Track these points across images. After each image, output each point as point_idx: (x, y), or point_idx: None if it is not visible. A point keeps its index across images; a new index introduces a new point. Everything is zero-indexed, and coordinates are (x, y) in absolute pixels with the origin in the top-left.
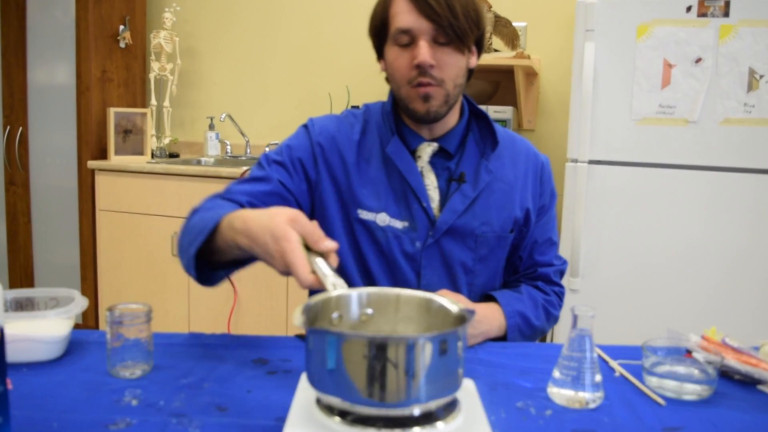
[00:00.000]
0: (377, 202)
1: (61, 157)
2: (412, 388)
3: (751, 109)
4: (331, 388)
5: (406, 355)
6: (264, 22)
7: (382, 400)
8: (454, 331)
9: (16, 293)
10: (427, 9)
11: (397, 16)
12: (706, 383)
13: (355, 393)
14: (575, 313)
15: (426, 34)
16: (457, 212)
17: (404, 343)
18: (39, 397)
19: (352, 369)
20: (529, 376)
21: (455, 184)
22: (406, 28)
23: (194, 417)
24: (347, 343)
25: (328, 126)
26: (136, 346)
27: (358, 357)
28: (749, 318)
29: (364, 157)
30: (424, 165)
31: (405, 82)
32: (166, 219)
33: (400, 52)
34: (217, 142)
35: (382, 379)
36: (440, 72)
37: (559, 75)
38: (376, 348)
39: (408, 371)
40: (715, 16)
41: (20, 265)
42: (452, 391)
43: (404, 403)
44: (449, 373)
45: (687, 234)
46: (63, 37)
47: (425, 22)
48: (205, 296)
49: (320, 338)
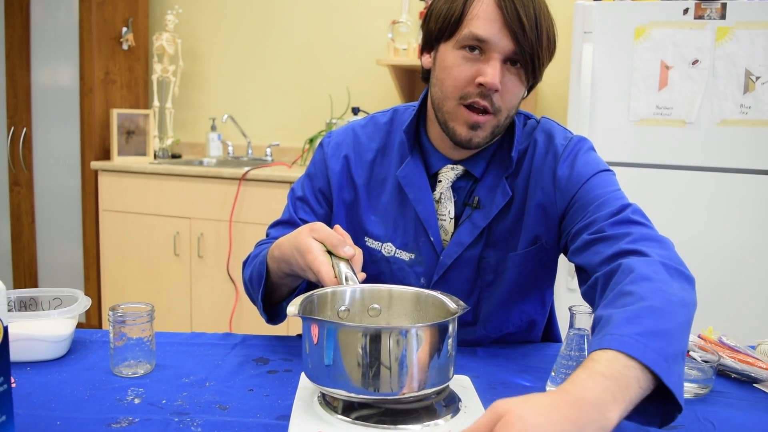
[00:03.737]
0: (384, 231)
1: (65, 157)
2: (405, 376)
3: (747, 110)
4: (324, 376)
5: (399, 344)
6: (265, 23)
7: (376, 389)
8: (445, 323)
9: (20, 293)
10: (516, 25)
11: (477, 19)
12: (703, 382)
13: (349, 381)
14: (573, 313)
15: (501, 53)
16: (463, 245)
17: (396, 332)
18: (42, 396)
19: (346, 358)
20: (527, 375)
21: (468, 210)
22: (484, 38)
23: (196, 415)
24: (341, 332)
25: (341, 143)
26: (139, 345)
27: (352, 346)
28: (746, 317)
29: (379, 178)
30: (444, 191)
31: (457, 95)
32: (168, 219)
33: (465, 60)
34: (219, 143)
35: (375, 368)
36: (501, 100)
37: (557, 76)
38: (369, 337)
39: (400, 361)
40: (711, 18)
41: (24, 264)
42: (445, 381)
43: (397, 392)
44: (442, 362)
45: (684, 234)
46: (66, 39)
47: (507, 39)
48: (207, 296)
49: (315, 328)
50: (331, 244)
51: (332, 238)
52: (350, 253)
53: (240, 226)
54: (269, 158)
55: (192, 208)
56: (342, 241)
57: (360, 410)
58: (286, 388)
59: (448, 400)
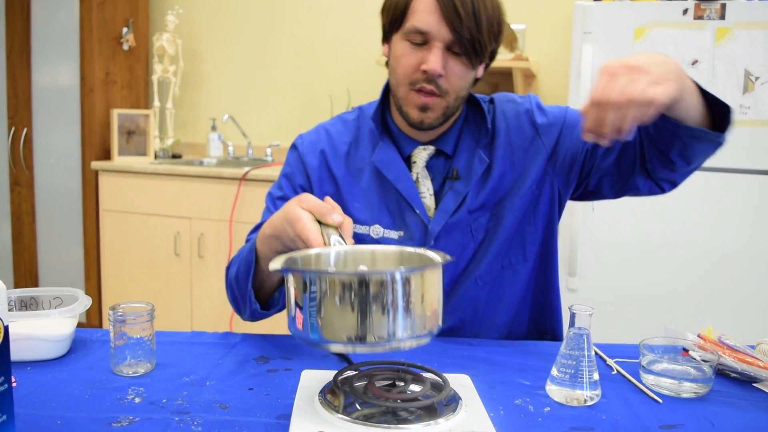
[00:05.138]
0: (370, 215)
1: (65, 157)
2: (389, 323)
3: (746, 110)
4: (312, 331)
5: (387, 289)
6: (266, 24)
7: (362, 339)
8: (432, 266)
9: (20, 292)
10: (452, 15)
11: (417, 12)
12: (703, 381)
13: (337, 332)
14: (573, 312)
15: (442, 41)
16: (448, 212)
17: (384, 276)
18: (43, 395)
19: (334, 308)
20: (527, 374)
21: (449, 183)
22: (424, 30)
23: (196, 415)
24: (328, 280)
25: (315, 141)
26: (139, 344)
27: (340, 295)
28: (746, 317)
29: (355, 168)
30: (420, 170)
31: (406, 81)
32: (168, 219)
33: (410, 49)
34: (220, 143)
35: (364, 316)
36: (447, 83)
37: (557, 77)
38: (357, 283)
39: (389, 306)
40: (711, 18)
41: (25, 264)
42: (435, 328)
43: (384, 342)
44: (430, 308)
45: (684, 234)
46: (67, 39)
47: (446, 29)
48: (207, 296)
49: (300, 280)
50: (319, 212)
51: (320, 207)
52: (339, 220)
53: (240, 226)
54: (269, 158)
55: (192, 208)
56: (330, 209)
57: (361, 410)
58: (286, 388)
59: (449, 400)
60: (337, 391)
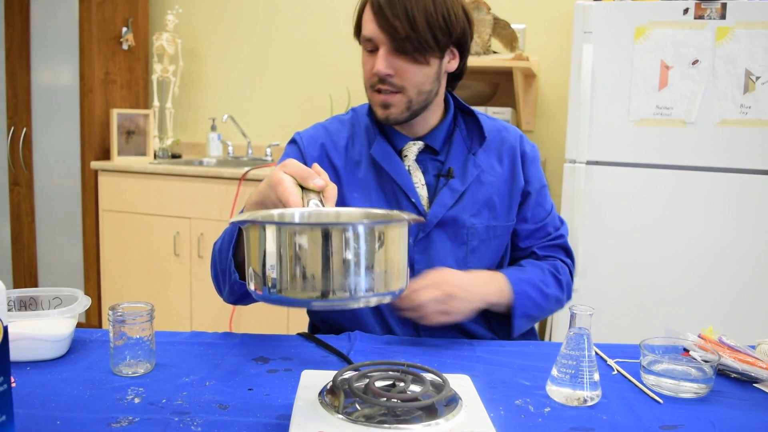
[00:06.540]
0: (368, 204)
1: (65, 157)
2: (351, 276)
3: (747, 110)
4: (266, 284)
5: (344, 242)
6: (265, 23)
7: (321, 295)
8: (388, 222)
9: (20, 292)
10: (383, 22)
11: (364, 23)
12: (703, 381)
13: (290, 286)
14: (573, 312)
15: (385, 45)
16: (446, 206)
17: (339, 230)
18: (42, 396)
19: (286, 261)
20: (527, 374)
21: (444, 180)
22: (369, 37)
23: (196, 415)
24: (282, 232)
25: (315, 136)
26: (139, 344)
27: (293, 248)
28: (746, 317)
29: (353, 160)
30: (411, 163)
31: (368, 85)
32: (168, 219)
33: (367, 56)
34: (219, 143)
35: (318, 270)
36: (400, 80)
37: (557, 76)
38: (312, 236)
39: (346, 259)
40: (711, 18)
41: (24, 264)
42: (394, 291)
43: (346, 299)
44: (388, 266)
45: (684, 234)
46: (66, 39)
47: (384, 35)
48: (207, 296)
49: (254, 232)
50: (300, 176)
51: (302, 171)
52: (320, 184)
53: None
54: (269, 158)
55: (192, 208)
56: (312, 174)
57: (361, 410)
58: (286, 388)
59: (449, 400)
60: (337, 391)
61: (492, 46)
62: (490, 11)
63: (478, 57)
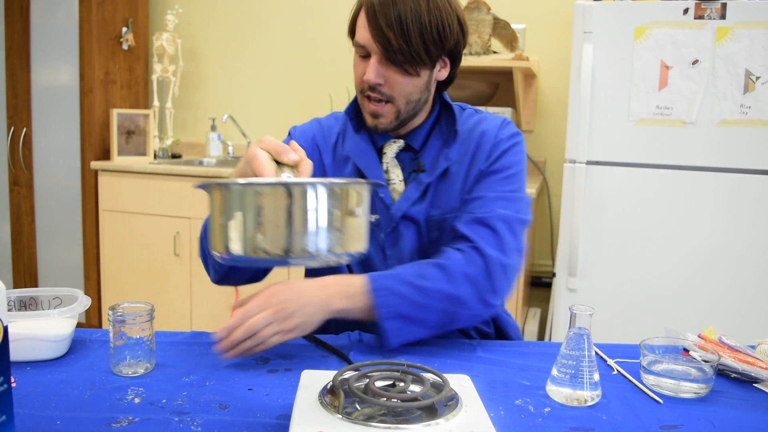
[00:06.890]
0: None
1: (65, 157)
2: (310, 234)
3: (747, 110)
4: (231, 242)
5: (304, 201)
6: (265, 23)
7: (287, 253)
8: (348, 182)
9: (20, 292)
10: (377, 31)
11: (358, 28)
12: (703, 381)
13: (256, 242)
14: (573, 312)
15: (377, 54)
16: (411, 200)
17: (301, 189)
18: (42, 396)
19: (246, 220)
20: (527, 374)
21: (414, 175)
22: (362, 44)
23: (196, 415)
24: (248, 192)
25: (308, 130)
26: (139, 344)
27: (252, 206)
28: (746, 317)
29: (341, 157)
30: (389, 161)
31: (359, 89)
32: (168, 219)
33: (359, 61)
34: (219, 143)
35: (284, 225)
36: (390, 89)
37: (557, 76)
38: (271, 194)
39: (305, 218)
40: (711, 18)
41: (24, 264)
42: (352, 253)
43: (307, 257)
44: (347, 227)
45: (684, 234)
46: (66, 39)
47: (376, 44)
48: (207, 295)
49: (216, 194)
50: (275, 151)
51: (277, 146)
52: (294, 158)
53: None
54: None
55: (192, 208)
56: (287, 149)
57: (361, 410)
58: (286, 388)
59: (449, 400)
60: (337, 391)
61: (492, 46)
62: (490, 11)
63: (478, 57)
